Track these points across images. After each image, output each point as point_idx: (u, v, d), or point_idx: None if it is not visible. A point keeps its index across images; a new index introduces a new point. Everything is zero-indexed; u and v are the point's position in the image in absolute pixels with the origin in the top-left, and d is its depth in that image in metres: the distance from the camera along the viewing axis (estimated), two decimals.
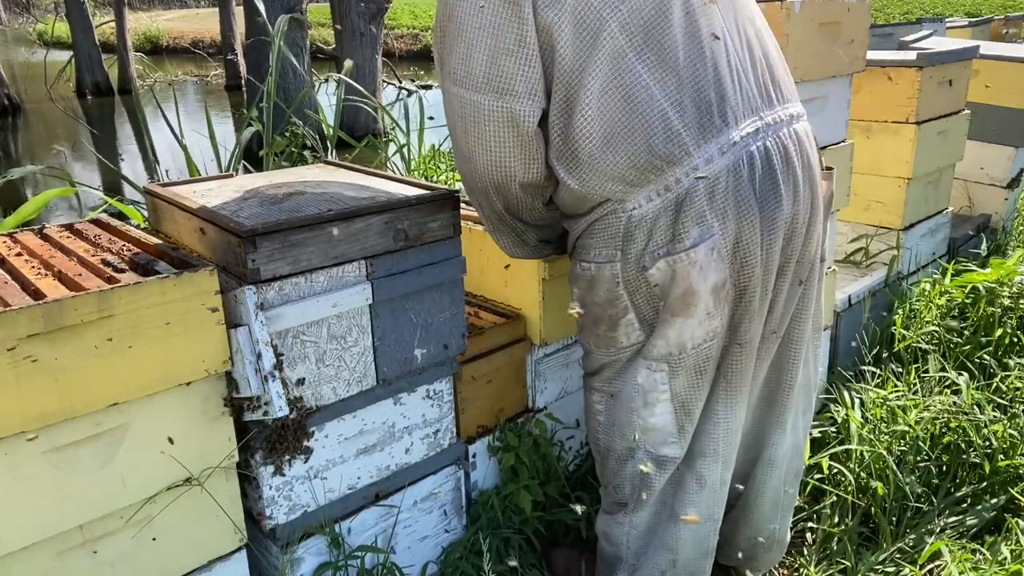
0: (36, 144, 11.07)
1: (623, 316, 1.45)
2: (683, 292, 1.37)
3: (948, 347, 2.64)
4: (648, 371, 1.46)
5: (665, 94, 1.31)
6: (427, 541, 1.76)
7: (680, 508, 1.57)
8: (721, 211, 1.34)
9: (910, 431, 2.15)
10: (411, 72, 15.91)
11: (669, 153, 1.32)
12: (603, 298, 1.45)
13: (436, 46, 1.42)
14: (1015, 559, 1.76)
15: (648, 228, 1.36)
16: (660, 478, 1.54)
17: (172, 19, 27.83)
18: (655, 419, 1.49)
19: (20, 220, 2.64)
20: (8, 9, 35.85)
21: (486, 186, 1.44)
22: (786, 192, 1.40)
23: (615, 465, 1.59)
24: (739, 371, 1.49)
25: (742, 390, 1.52)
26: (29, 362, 1.09)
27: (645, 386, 1.48)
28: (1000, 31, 5.32)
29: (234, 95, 13.72)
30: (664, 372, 1.45)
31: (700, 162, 1.33)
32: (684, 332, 1.40)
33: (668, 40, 1.31)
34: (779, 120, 1.42)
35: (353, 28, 9.66)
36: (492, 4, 1.30)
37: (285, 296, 1.37)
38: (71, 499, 1.20)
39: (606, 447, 1.59)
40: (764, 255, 1.40)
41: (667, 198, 1.34)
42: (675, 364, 1.44)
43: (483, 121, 1.35)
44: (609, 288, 1.43)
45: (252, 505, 1.48)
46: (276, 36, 3.97)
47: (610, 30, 1.29)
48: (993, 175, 3.56)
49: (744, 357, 1.48)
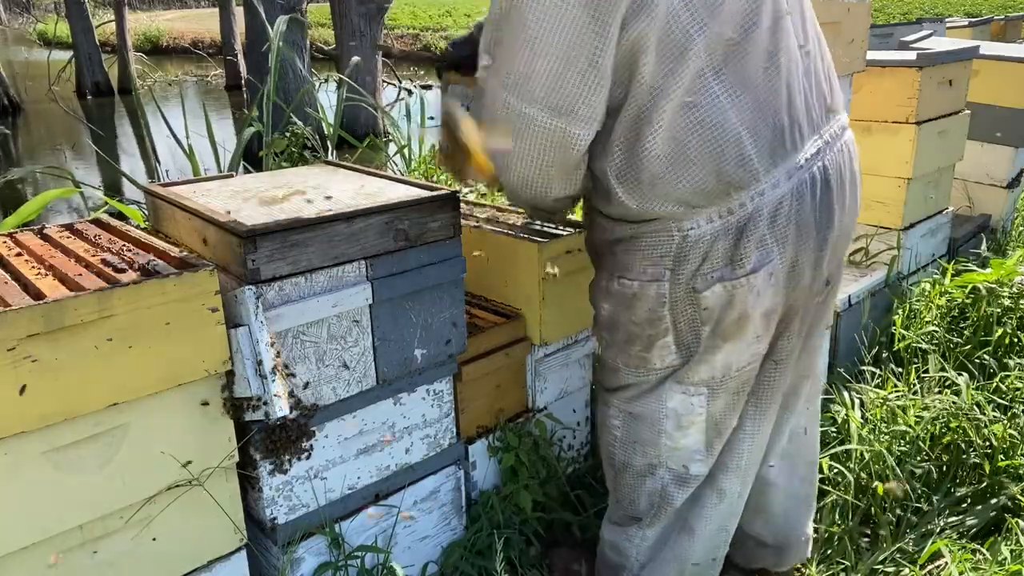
0: (36, 144, 11.07)
1: (661, 338, 1.38)
2: (737, 317, 1.32)
3: (948, 347, 2.64)
4: (684, 396, 1.41)
5: (740, 119, 1.24)
6: (427, 541, 1.76)
7: (696, 522, 1.53)
8: (782, 235, 1.30)
9: (910, 431, 2.15)
10: (411, 72, 15.91)
11: (738, 179, 1.26)
12: (642, 317, 1.38)
13: (488, 36, 1.26)
14: (1015, 559, 1.76)
15: (704, 250, 1.30)
16: (681, 495, 1.51)
17: (172, 19, 27.83)
18: (686, 440, 1.45)
19: (20, 220, 2.64)
20: (8, 9, 35.85)
21: (516, 190, 1.37)
22: (838, 209, 1.37)
23: (632, 481, 1.55)
24: (771, 387, 1.46)
25: (772, 406, 1.50)
26: (29, 362, 1.09)
27: (679, 410, 1.43)
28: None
29: (234, 95, 13.71)
30: (703, 396, 1.40)
31: (767, 187, 1.28)
32: (731, 357, 1.36)
33: (749, 61, 1.24)
34: (834, 135, 1.38)
35: (353, 28, 9.66)
36: (572, 12, 1.15)
37: (285, 296, 1.37)
38: (71, 499, 1.20)
39: (622, 462, 1.55)
40: (813, 274, 1.37)
41: (728, 221, 1.29)
42: (716, 388, 1.40)
43: (532, 136, 1.25)
44: (652, 308, 1.36)
45: (252, 505, 1.48)
46: (275, 37, 3.98)
47: (696, 49, 1.19)
48: (993, 175, 3.56)
49: (778, 374, 1.46)
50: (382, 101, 8.53)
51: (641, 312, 1.37)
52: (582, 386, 2.09)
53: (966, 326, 2.72)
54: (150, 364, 1.21)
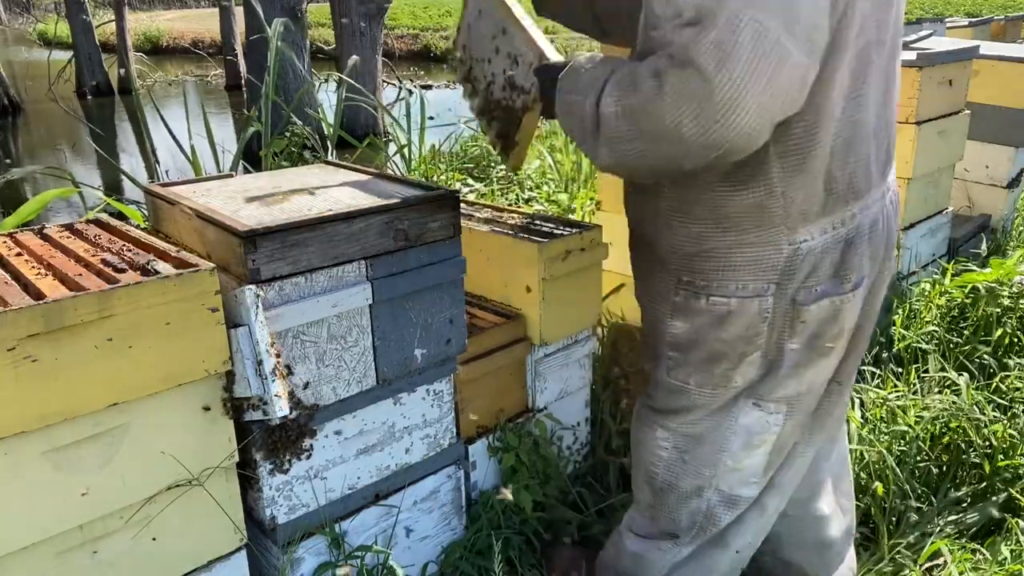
0: (36, 144, 11.07)
1: (752, 354, 1.30)
2: (836, 333, 1.30)
3: (948, 347, 2.64)
4: (761, 413, 1.35)
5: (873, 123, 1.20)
6: (427, 541, 1.76)
7: (734, 538, 1.50)
8: (873, 252, 1.29)
9: (910, 431, 2.15)
10: (411, 72, 15.91)
11: (858, 187, 1.23)
12: (736, 335, 1.29)
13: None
14: (1015, 559, 1.76)
15: (813, 263, 1.24)
16: (728, 517, 1.46)
17: (172, 19, 27.83)
18: (750, 460, 1.39)
19: (20, 220, 2.64)
20: (8, 9, 35.85)
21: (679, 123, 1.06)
22: (895, 230, 1.38)
23: (675, 502, 1.48)
24: (829, 408, 1.44)
25: (826, 427, 1.48)
26: (29, 362, 1.09)
27: (752, 428, 1.36)
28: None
29: (234, 95, 13.72)
30: (782, 414, 1.36)
31: (873, 199, 1.25)
32: (819, 373, 1.34)
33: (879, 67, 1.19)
34: None
35: (353, 28, 9.66)
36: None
37: (285, 296, 1.37)
38: (71, 499, 1.20)
39: (666, 483, 1.47)
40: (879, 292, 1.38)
41: (839, 233, 1.24)
42: (795, 405, 1.36)
43: (776, 70, 1.00)
44: (751, 325, 1.27)
45: (252, 505, 1.48)
46: (274, 37, 3.98)
47: (866, 31, 1.12)
48: (993, 175, 3.56)
49: (837, 396, 1.44)
50: (382, 101, 8.53)
51: (735, 329, 1.28)
52: (582, 386, 2.09)
53: (966, 326, 2.72)
54: (150, 364, 1.21)
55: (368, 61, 9.61)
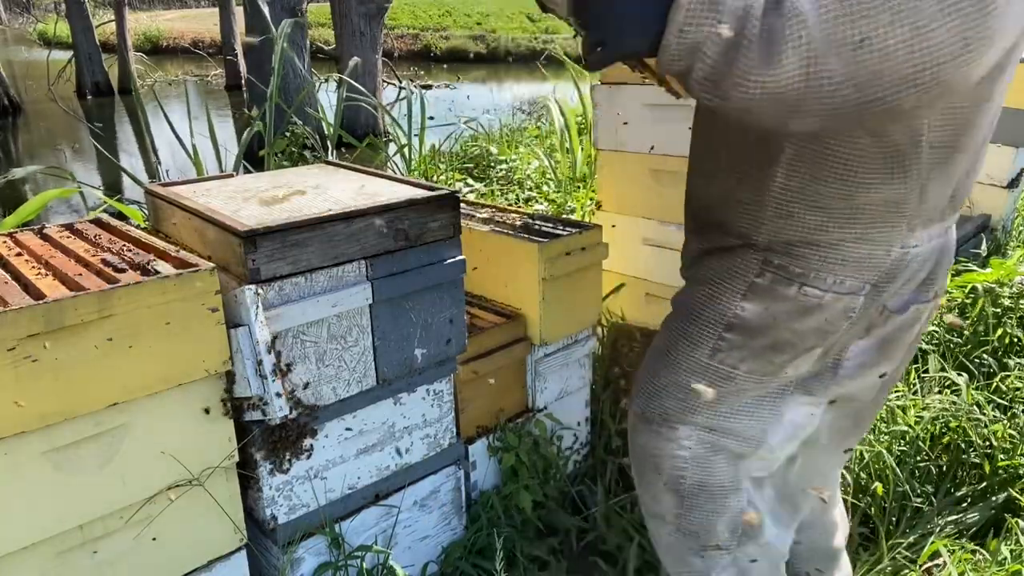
0: (36, 144, 11.07)
1: (816, 348, 1.24)
2: (914, 338, 1.30)
3: (948, 347, 2.64)
4: (810, 407, 1.32)
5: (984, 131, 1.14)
6: (427, 541, 1.76)
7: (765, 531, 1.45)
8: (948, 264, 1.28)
9: (910, 431, 2.15)
10: (411, 72, 15.91)
11: (962, 195, 1.19)
12: (811, 328, 1.21)
13: None
14: (1015, 559, 1.77)
15: (915, 269, 1.20)
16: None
17: (172, 19, 27.82)
18: (785, 451, 1.37)
19: (20, 220, 2.64)
20: (8, 9, 35.85)
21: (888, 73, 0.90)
22: None
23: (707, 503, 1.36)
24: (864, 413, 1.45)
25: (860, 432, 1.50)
26: (29, 362, 1.09)
27: (798, 421, 1.32)
28: None
29: (234, 95, 13.72)
30: (821, 407, 1.35)
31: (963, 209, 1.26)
32: (878, 376, 1.34)
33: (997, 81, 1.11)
34: None
35: (353, 28, 9.66)
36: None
37: (285, 296, 1.37)
38: (71, 499, 1.20)
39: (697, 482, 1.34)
40: None
41: (939, 242, 1.22)
42: (846, 404, 1.36)
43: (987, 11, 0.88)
44: (832, 320, 1.20)
45: (252, 505, 1.49)
46: (279, 39, 3.98)
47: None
48: (993, 175, 3.56)
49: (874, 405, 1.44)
50: (382, 101, 8.54)
51: (814, 322, 1.20)
52: (582, 386, 2.09)
53: (966, 326, 2.72)
54: (150, 364, 1.21)
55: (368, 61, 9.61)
